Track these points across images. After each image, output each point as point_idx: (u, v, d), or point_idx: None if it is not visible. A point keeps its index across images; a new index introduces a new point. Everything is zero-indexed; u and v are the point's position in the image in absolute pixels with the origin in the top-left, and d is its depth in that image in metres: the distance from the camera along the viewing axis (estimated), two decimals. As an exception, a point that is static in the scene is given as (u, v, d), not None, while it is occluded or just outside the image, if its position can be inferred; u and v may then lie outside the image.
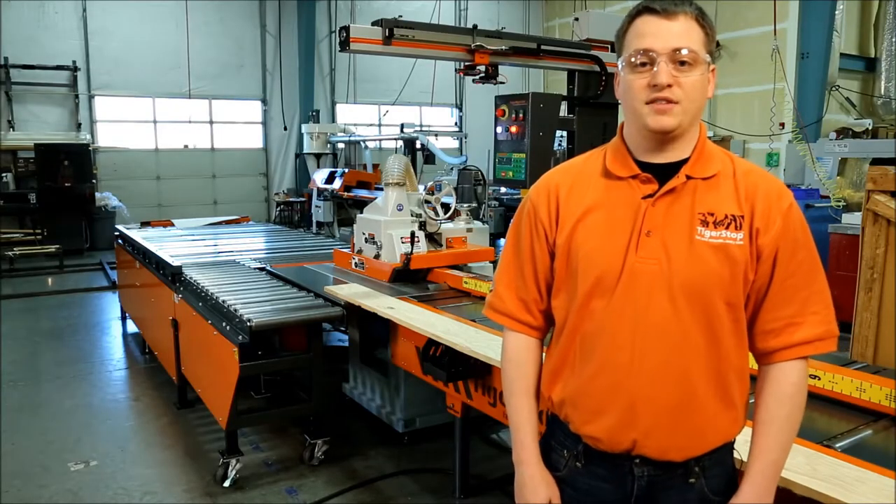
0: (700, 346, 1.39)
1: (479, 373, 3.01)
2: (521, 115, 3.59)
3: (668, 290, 1.38)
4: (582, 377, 1.47)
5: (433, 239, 4.52)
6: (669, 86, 1.36)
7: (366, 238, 4.56)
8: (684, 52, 1.36)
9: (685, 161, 1.43)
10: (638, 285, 1.40)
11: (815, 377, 2.32)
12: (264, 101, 15.19)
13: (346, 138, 14.19)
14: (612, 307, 1.42)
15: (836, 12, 10.52)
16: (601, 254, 1.43)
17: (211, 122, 14.78)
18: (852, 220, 6.57)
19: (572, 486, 1.53)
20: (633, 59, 1.39)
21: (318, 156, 14.35)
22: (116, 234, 7.19)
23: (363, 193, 11.64)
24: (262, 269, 5.03)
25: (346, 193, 12.01)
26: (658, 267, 1.39)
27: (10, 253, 10.38)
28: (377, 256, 4.43)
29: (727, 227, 1.39)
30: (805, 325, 1.41)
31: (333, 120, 15.72)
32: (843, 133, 10.59)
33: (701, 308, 1.38)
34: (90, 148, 12.73)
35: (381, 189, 4.66)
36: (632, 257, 1.41)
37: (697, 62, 1.37)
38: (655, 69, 1.36)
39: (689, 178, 1.42)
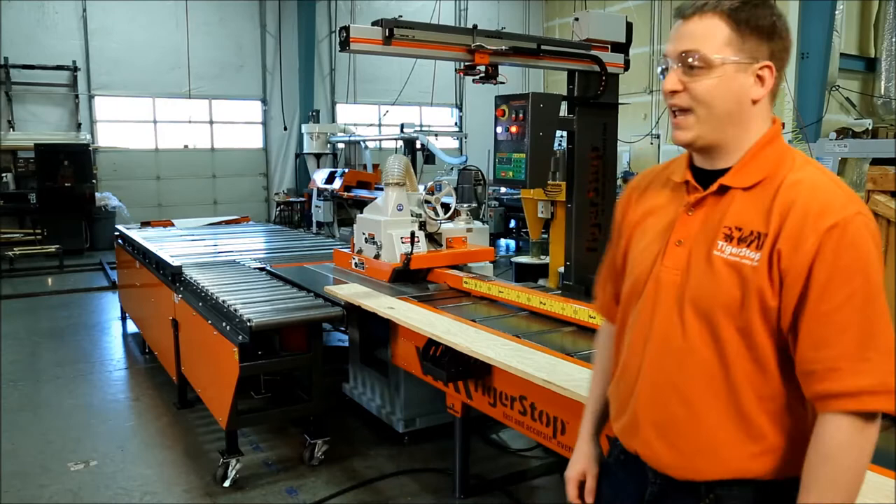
0: (708, 365, 1.31)
1: (479, 373, 3.01)
2: (521, 115, 3.58)
3: (679, 303, 1.34)
4: (614, 377, 1.54)
5: (433, 239, 4.52)
6: (675, 92, 1.31)
7: (366, 238, 4.56)
8: (691, 55, 1.28)
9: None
10: (657, 295, 1.38)
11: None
12: (264, 101, 15.20)
13: (346, 138, 14.19)
14: (635, 313, 1.44)
15: (836, 12, 10.52)
16: (639, 260, 1.45)
17: (211, 122, 14.79)
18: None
19: (613, 475, 1.56)
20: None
21: (318, 156, 14.35)
22: (116, 234, 7.19)
23: (363, 193, 11.65)
24: (262, 269, 5.02)
25: (346, 193, 12.02)
26: (678, 279, 1.35)
27: (10, 253, 10.38)
28: (377, 256, 4.43)
29: (748, 245, 1.26)
30: (850, 373, 1.18)
31: (333, 120, 15.72)
32: (843, 133, 10.59)
33: (709, 327, 1.30)
34: (90, 148, 12.74)
35: (381, 189, 4.66)
36: (658, 266, 1.39)
37: (710, 64, 1.27)
38: (666, 75, 1.33)
39: (726, 187, 1.33)
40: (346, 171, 12.58)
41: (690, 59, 1.28)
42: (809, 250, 1.19)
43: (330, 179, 12.48)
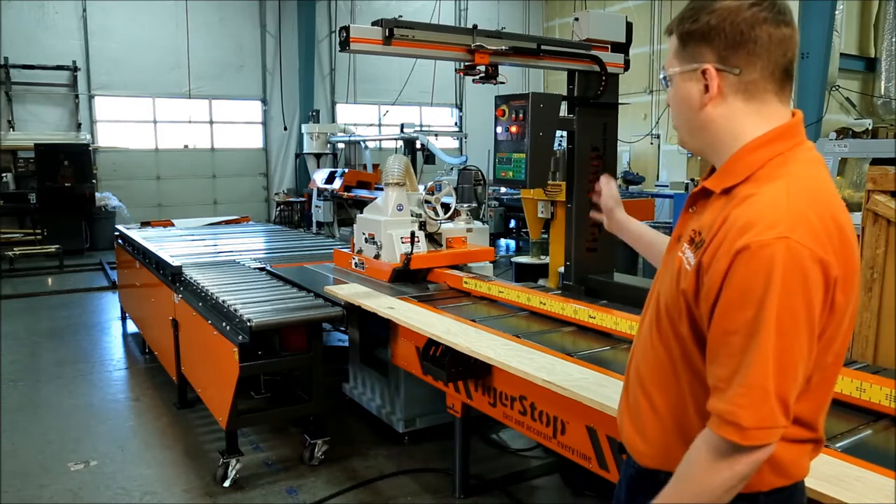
0: (662, 362, 1.36)
1: (479, 373, 3.01)
2: (521, 115, 3.58)
3: (654, 299, 1.41)
4: None
5: (433, 239, 4.52)
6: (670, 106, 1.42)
7: (366, 238, 4.56)
8: (662, 73, 1.40)
9: None
10: (650, 290, 1.46)
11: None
12: (264, 101, 15.20)
13: (346, 138, 14.20)
14: None
15: (836, 12, 10.52)
16: None
17: (211, 122, 14.79)
18: (852, 220, 6.56)
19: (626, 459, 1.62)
20: None
21: (318, 156, 14.36)
22: (116, 234, 7.19)
23: (363, 193, 11.66)
24: (262, 269, 5.02)
25: (346, 193, 12.02)
26: (662, 276, 1.41)
27: (10, 253, 10.38)
28: (377, 256, 4.43)
29: (696, 251, 1.26)
30: (721, 396, 1.18)
31: (333, 120, 15.73)
32: (843, 133, 10.61)
33: (661, 326, 1.36)
34: (90, 148, 12.75)
35: (381, 189, 4.66)
36: (661, 261, 1.47)
37: (670, 79, 1.37)
38: None
39: (709, 191, 1.33)
40: (346, 171, 12.59)
41: (662, 78, 1.40)
42: (721, 268, 1.17)
43: (330, 179, 12.49)
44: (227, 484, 3.64)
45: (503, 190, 11.29)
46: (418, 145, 11.50)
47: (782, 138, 1.29)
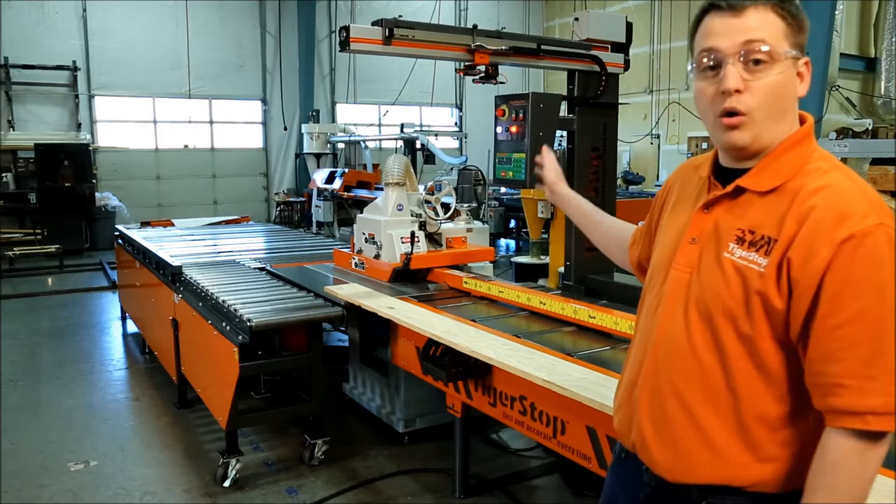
0: (709, 369, 1.28)
1: (479, 373, 3.01)
2: (521, 115, 3.58)
3: (685, 303, 1.32)
4: (623, 370, 1.53)
5: (433, 239, 4.52)
6: (739, 91, 1.22)
7: (366, 238, 4.56)
8: (758, 47, 1.21)
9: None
10: (667, 293, 1.37)
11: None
12: (264, 101, 15.20)
13: (346, 138, 14.20)
14: (645, 307, 1.45)
15: (836, 12, 10.52)
16: (659, 252, 1.46)
17: (211, 122, 14.79)
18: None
19: (613, 471, 1.59)
20: (699, 62, 1.27)
21: (318, 156, 14.37)
22: (116, 234, 7.19)
23: (363, 193, 11.66)
24: (262, 269, 5.02)
25: (346, 193, 12.03)
26: (686, 277, 1.34)
27: (10, 253, 10.38)
28: (377, 256, 4.43)
29: (758, 250, 1.22)
30: (855, 391, 1.14)
31: (333, 120, 15.73)
32: (843, 133, 10.60)
33: (711, 330, 1.27)
34: (90, 148, 12.75)
35: (381, 189, 4.66)
36: (672, 263, 1.38)
37: (775, 59, 1.21)
38: (723, 72, 1.23)
39: (742, 189, 1.29)
40: (346, 171, 12.60)
41: (756, 54, 1.21)
42: (821, 262, 1.14)
43: (330, 179, 12.49)
44: (227, 484, 3.64)
45: (503, 190, 11.29)
46: (418, 145, 11.51)
47: (809, 136, 1.31)
